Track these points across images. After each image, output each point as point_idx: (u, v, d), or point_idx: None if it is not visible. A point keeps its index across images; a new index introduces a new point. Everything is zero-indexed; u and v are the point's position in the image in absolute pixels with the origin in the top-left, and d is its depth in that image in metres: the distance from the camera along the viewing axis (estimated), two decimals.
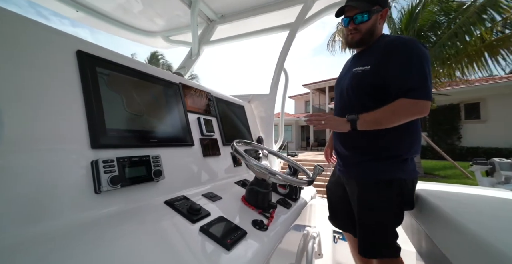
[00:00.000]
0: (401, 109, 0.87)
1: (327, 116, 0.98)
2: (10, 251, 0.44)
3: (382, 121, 0.90)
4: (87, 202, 0.59)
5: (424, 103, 0.86)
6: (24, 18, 0.59)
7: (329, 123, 0.96)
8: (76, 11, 2.02)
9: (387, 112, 0.89)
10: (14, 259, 0.43)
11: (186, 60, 2.15)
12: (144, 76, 0.88)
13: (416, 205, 1.04)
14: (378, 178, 0.98)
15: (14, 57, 0.54)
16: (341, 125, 0.94)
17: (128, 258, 0.50)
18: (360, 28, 0.98)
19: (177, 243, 0.61)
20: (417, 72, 0.86)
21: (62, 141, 0.58)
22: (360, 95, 1.00)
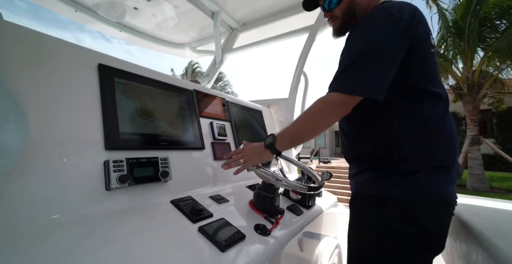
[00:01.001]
0: (307, 114, 0.75)
1: (244, 151, 0.85)
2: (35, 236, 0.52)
3: (295, 136, 0.78)
4: (99, 198, 0.66)
5: (330, 96, 0.70)
6: (59, 39, 0.71)
7: (249, 158, 0.83)
8: (119, 31, 2.33)
9: (296, 121, 0.77)
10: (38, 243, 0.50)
11: (211, 68, 2.28)
12: (158, 84, 0.96)
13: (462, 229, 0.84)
14: (368, 193, 0.77)
15: (43, 71, 0.65)
16: (262, 155, 0.82)
17: (126, 251, 0.55)
18: (335, 14, 0.84)
19: (174, 240, 0.64)
20: (346, 58, 0.70)
21: (81, 143, 0.67)
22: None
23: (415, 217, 0.67)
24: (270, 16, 2.01)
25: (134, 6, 1.95)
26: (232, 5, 1.93)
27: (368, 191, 0.77)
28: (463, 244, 0.75)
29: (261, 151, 0.83)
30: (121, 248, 0.55)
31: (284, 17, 1.94)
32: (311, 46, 1.79)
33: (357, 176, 0.83)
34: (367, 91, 0.66)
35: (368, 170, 0.78)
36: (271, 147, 0.80)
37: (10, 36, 0.61)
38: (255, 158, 0.84)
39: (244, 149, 0.86)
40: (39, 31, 0.67)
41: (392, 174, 0.71)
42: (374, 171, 0.76)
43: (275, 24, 2.05)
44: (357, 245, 0.81)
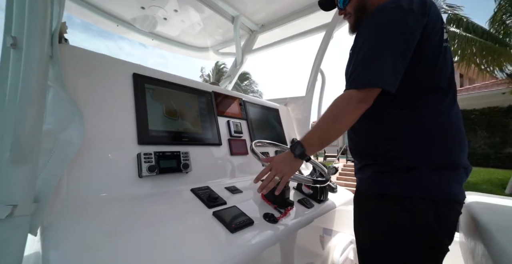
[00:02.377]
0: (330, 113, 0.73)
1: (274, 167, 0.79)
2: (89, 209, 0.68)
3: (323, 138, 0.75)
4: (133, 183, 0.82)
5: (349, 93, 0.70)
6: (102, 55, 0.89)
7: (283, 172, 0.78)
8: (152, 40, 2.60)
9: (321, 123, 0.75)
10: (89, 212, 0.67)
11: (232, 69, 2.41)
12: (182, 87, 1.10)
13: (466, 220, 0.86)
14: (370, 190, 0.80)
15: (95, 82, 0.83)
16: (294, 165, 0.79)
17: (154, 226, 0.68)
18: (348, 10, 0.86)
19: (193, 221, 0.77)
20: (358, 53, 0.71)
21: (120, 139, 0.83)
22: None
23: (414, 213, 0.68)
24: (288, 16, 2.05)
25: (164, 16, 2.17)
26: (250, 9, 2.02)
27: (370, 187, 0.79)
28: (481, 243, 0.72)
29: (292, 161, 0.78)
30: (151, 223, 0.69)
31: (301, 17, 1.97)
32: (328, 44, 1.80)
33: (360, 171, 0.86)
34: (381, 82, 0.66)
35: (369, 165, 0.80)
36: (303, 156, 0.77)
37: (71, 56, 0.79)
38: (289, 170, 0.79)
39: (272, 165, 0.80)
40: (89, 50, 0.84)
41: (391, 170, 0.73)
42: (374, 167, 0.78)
43: (293, 24, 2.09)
44: (362, 241, 0.83)
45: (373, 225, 0.77)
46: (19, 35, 0.51)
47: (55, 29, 0.66)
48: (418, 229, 0.68)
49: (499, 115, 9.53)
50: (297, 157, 0.77)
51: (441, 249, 0.70)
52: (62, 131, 0.69)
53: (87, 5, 1.90)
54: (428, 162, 0.69)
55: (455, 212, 0.71)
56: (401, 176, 0.71)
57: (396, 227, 0.70)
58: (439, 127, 0.71)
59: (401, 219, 0.70)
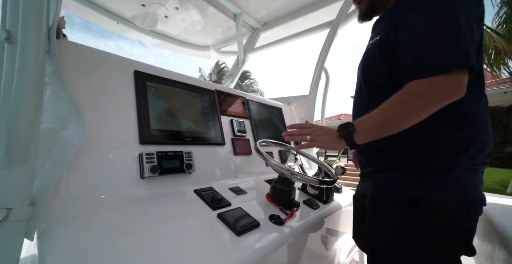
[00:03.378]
0: (412, 98, 0.57)
1: (313, 129, 0.73)
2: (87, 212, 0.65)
3: (392, 123, 0.60)
4: (135, 184, 0.79)
5: (444, 78, 0.54)
6: (103, 51, 0.86)
7: (317, 138, 0.71)
8: (153, 38, 2.57)
9: (396, 108, 0.59)
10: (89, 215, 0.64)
11: (233, 67, 2.38)
12: (184, 86, 1.07)
13: (483, 224, 0.81)
14: (394, 194, 0.69)
15: (93, 79, 0.80)
16: (333, 142, 0.69)
17: (156, 229, 0.65)
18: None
19: (197, 224, 0.74)
20: (439, 34, 0.56)
21: (121, 138, 0.80)
22: (370, 80, 0.76)
23: (451, 218, 0.62)
24: (291, 14, 2.02)
25: (165, 14, 2.14)
26: (253, 6, 1.99)
27: (394, 191, 0.69)
28: (500, 249, 0.68)
29: (334, 137, 0.69)
30: (153, 226, 0.66)
31: (304, 14, 1.93)
32: (332, 42, 1.77)
33: (375, 174, 0.77)
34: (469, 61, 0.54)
35: (391, 168, 0.71)
36: (348, 138, 0.66)
37: (70, 52, 0.76)
38: (324, 141, 0.70)
39: (314, 126, 0.74)
40: (88, 46, 0.81)
41: (425, 172, 0.65)
42: (402, 169, 0.68)
43: (296, 21, 2.06)
44: (383, 249, 0.72)
45: (400, 232, 0.67)
46: (14, 29, 0.48)
47: (52, 23, 0.63)
48: (455, 236, 0.63)
49: (500, 114, 9.53)
50: (340, 137, 0.67)
51: (470, 253, 0.66)
52: (61, 130, 0.66)
53: (87, 2, 1.87)
54: (463, 163, 0.63)
55: (479, 215, 0.66)
56: (436, 178, 0.64)
57: (430, 234, 0.63)
58: (480, 125, 0.64)
59: (438, 226, 0.63)
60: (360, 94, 0.82)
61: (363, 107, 0.77)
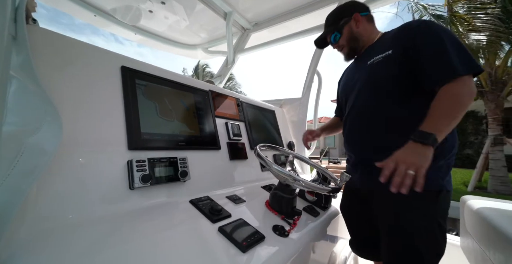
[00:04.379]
0: (461, 96, 0.69)
1: (403, 160, 0.67)
2: (62, 232, 0.54)
3: (457, 119, 0.70)
4: (123, 196, 0.68)
5: (470, 79, 0.72)
6: (82, 42, 0.74)
7: (416, 165, 0.66)
8: (135, 34, 2.39)
9: (454, 107, 0.69)
10: (63, 239, 0.52)
11: (222, 68, 2.29)
12: (176, 85, 0.97)
13: (480, 227, 0.85)
14: (427, 187, 0.70)
15: (74, 74, 0.68)
16: (429, 154, 0.67)
17: (148, 249, 0.56)
18: (341, 44, 1.02)
19: (195, 240, 0.65)
20: (454, 49, 0.72)
21: (107, 143, 0.69)
22: (385, 86, 0.84)
23: (449, 202, 0.81)
24: (283, 15, 2.00)
25: (149, 9, 1.99)
26: (244, 5, 1.93)
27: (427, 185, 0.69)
28: (498, 251, 0.71)
29: (423, 150, 0.67)
30: (147, 246, 0.56)
31: (297, 16, 1.92)
32: None
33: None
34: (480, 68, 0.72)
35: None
36: (435, 141, 0.68)
37: (43, 41, 0.63)
38: (422, 160, 0.67)
39: (397, 159, 0.69)
40: (69, 36, 0.69)
41: (441, 167, 0.78)
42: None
43: (288, 23, 2.04)
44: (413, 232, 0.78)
45: (431, 217, 0.78)
46: None
47: (19, 3, 0.51)
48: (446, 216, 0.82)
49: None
50: (428, 145, 0.67)
51: None
52: (30, 135, 0.54)
53: None
54: (453, 155, 0.81)
55: None
56: (447, 173, 0.80)
57: (443, 216, 0.80)
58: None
59: (446, 208, 0.81)
60: (364, 96, 0.93)
61: (367, 103, 0.91)
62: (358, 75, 0.97)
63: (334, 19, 1.03)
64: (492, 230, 0.78)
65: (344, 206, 1.13)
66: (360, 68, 0.97)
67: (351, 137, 0.98)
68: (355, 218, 1.07)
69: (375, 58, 0.89)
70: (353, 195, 1.05)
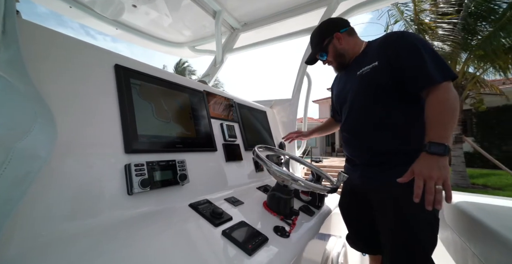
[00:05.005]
0: (450, 101, 0.75)
1: (428, 176, 0.69)
2: (55, 245, 0.49)
3: (454, 124, 0.75)
4: (121, 203, 0.64)
5: (450, 84, 0.78)
6: (73, 38, 0.68)
7: (441, 177, 0.68)
8: (116, 29, 2.25)
9: (447, 112, 0.74)
10: (58, 252, 0.48)
11: (211, 68, 2.25)
12: (172, 85, 0.94)
13: (459, 220, 0.93)
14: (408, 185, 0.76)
15: (64, 72, 0.62)
16: (445, 165, 0.71)
17: (155, 258, 0.53)
18: (329, 60, 1.10)
19: (200, 245, 0.63)
20: (431, 59, 0.80)
21: (102, 146, 0.65)
22: (376, 95, 0.91)
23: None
24: (273, 16, 2.01)
25: (133, 3, 1.90)
26: (234, 5, 1.92)
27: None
28: (479, 242, 0.78)
29: (441, 161, 0.70)
30: (154, 254, 0.54)
31: (287, 18, 1.95)
32: None
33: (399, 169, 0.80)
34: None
35: (408, 163, 0.77)
36: (448, 151, 0.72)
37: (28, 36, 0.58)
38: (444, 172, 0.70)
39: (422, 176, 0.70)
40: (57, 31, 0.63)
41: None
42: (409, 165, 0.75)
43: (277, 25, 2.06)
44: (416, 225, 0.82)
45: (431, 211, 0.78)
46: None
47: None
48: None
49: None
50: (445, 155, 0.71)
51: None
52: (19, 138, 0.49)
53: None
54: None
55: None
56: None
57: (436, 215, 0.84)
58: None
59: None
60: (357, 106, 1.00)
61: (360, 111, 0.98)
62: (350, 85, 1.04)
63: (317, 41, 1.09)
64: (472, 222, 0.85)
65: (343, 203, 1.17)
66: (351, 79, 1.04)
67: (350, 142, 1.04)
68: (354, 214, 1.12)
69: (363, 69, 0.96)
70: (352, 193, 1.10)
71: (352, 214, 1.13)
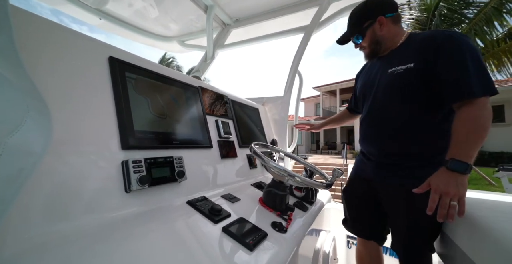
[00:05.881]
0: (483, 119, 0.72)
1: (445, 192, 0.70)
2: (49, 246, 0.47)
3: (481, 144, 0.73)
4: (119, 201, 0.62)
5: (487, 100, 0.75)
6: (66, 28, 0.64)
7: (458, 194, 0.70)
8: (99, 19, 2.13)
9: (478, 132, 0.72)
10: (53, 253, 0.46)
11: (201, 63, 2.21)
12: (167, 80, 0.91)
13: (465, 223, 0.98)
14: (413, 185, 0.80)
15: (56, 64, 0.59)
16: (464, 182, 0.71)
17: (156, 256, 0.52)
18: (363, 45, 1.02)
19: (202, 242, 0.63)
20: (475, 70, 0.75)
21: (97, 142, 0.62)
22: (403, 97, 0.89)
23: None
24: (265, 14, 2.01)
25: None
26: (226, 0, 1.89)
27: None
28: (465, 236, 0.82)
29: (460, 179, 0.70)
30: (156, 251, 0.53)
31: (279, 16, 1.95)
32: (306, 46, 1.83)
33: (412, 171, 0.88)
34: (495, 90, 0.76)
35: (425, 166, 0.86)
36: (470, 169, 0.71)
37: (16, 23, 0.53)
38: (462, 190, 0.70)
39: (439, 191, 0.71)
40: (46, 18, 0.59)
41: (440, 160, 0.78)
42: (431, 167, 0.79)
43: (269, 22, 2.06)
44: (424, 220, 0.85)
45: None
46: None
47: None
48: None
49: None
50: (466, 174, 0.71)
51: None
52: (10, 132, 0.46)
53: None
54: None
55: None
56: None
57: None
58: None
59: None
60: (382, 100, 0.98)
61: (383, 110, 0.97)
62: (378, 80, 1.00)
63: (357, 20, 0.99)
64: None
65: (350, 190, 1.19)
66: (381, 73, 0.99)
67: (368, 138, 1.04)
68: (357, 201, 1.15)
69: (396, 68, 0.91)
70: (360, 182, 1.11)
71: (355, 200, 1.17)
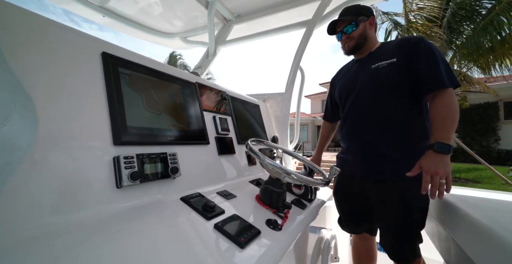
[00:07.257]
0: (454, 106, 0.86)
1: (435, 171, 0.78)
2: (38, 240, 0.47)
3: (456, 127, 0.86)
4: (109, 196, 0.62)
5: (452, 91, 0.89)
6: (56, 23, 0.64)
7: (445, 172, 0.78)
8: (103, 16, 2.14)
9: (452, 116, 0.85)
10: (42, 247, 0.46)
11: (203, 60, 2.20)
12: (163, 75, 0.91)
13: (444, 211, 0.97)
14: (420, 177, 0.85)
15: (46, 59, 0.59)
16: (449, 162, 0.81)
17: (146, 251, 0.52)
18: (352, 35, 1.08)
19: (192, 238, 0.63)
20: (444, 66, 0.89)
21: (88, 138, 0.62)
22: (389, 90, 0.98)
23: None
24: (267, 8, 1.97)
25: None
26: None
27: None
28: (461, 233, 0.82)
29: (445, 159, 0.80)
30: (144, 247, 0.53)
31: (281, 10, 1.92)
32: (308, 41, 1.79)
33: (401, 163, 0.94)
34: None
35: (409, 157, 0.90)
36: (452, 150, 0.82)
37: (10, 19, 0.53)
38: (448, 169, 0.80)
39: (429, 172, 0.80)
40: (38, 14, 0.59)
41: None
42: (414, 158, 0.86)
43: (271, 17, 2.02)
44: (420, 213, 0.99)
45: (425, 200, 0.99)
46: None
47: None
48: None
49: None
50: (449, 154, 0.81)
51: None
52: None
53: None
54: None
55: None
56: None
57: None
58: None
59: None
60: (365, 97, 1.05)
61: (369, 103, 1.04)
62: (362, 77, 1.08)
63: (355, 12, 1.08)
64: (455, 214, 0.89)
65: (339, 189, 1.26)
66: (363, 71, 1.08)
67: (352, 133, 1.09)
68: (347, 199, 1.22)
69: (379, 63, 1.01)
70: (348, 180, 1.17)
71: (344, 199, 1.23)
